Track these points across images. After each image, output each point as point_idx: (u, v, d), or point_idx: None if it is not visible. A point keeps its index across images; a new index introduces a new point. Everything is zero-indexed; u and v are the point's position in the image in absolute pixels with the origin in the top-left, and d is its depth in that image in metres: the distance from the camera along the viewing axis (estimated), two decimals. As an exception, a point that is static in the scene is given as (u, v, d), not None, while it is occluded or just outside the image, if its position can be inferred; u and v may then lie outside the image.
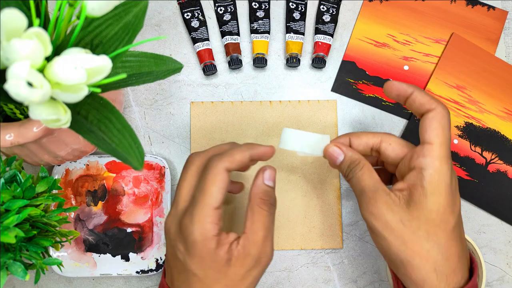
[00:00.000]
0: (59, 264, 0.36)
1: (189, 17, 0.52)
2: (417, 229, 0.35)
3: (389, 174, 0.44)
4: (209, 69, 0.51)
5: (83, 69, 0.25)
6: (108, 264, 0.48)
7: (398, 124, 0.52)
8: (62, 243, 0.39)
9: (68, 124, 0.28)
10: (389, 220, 0.36)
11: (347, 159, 0.40)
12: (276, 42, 0.53)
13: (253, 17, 0.52)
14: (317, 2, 0.54)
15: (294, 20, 0.52)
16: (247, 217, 0.37)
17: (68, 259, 0.48)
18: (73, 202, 0.49)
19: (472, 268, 0.37)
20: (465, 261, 0.37)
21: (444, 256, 0.35)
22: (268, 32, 0.52)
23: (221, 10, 0.53)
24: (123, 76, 0.26)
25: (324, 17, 0.53)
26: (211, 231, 0.35)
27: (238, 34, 0.52)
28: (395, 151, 0.39)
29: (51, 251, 0.47)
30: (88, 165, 0.49)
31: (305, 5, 0.53)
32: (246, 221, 0.37)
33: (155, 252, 0.48)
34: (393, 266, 0.37)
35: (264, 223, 0.37)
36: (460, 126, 0.51)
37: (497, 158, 0.51)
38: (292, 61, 0.51)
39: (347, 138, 0.41)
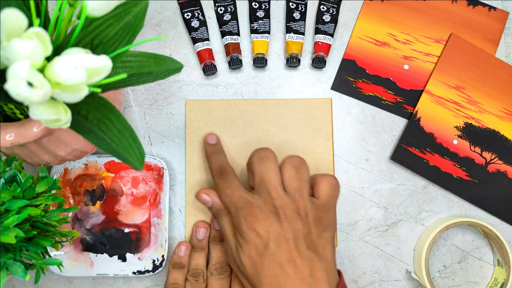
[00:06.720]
0: (59, 264, 0.36)
1: (189, 17, 0.52)
2: None
3: None
4: (209, 69, 0.51)
5: (83, 69, 0.25)
6: (105, 264, 0.48)
7: (398, 123, 0.52)
8: (62, 243, 0.39)
9: (68, 124, 0.28)
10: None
11: (214, 205, 0.45)
12: (276, 42, 0.53)
13: (253, 17, 0.52)
14: (317, 2, 0.54)
15: (294, 20, 0.52)
16: None
17: (65, 258, 0.48)
18: (71, 202, 0.49)
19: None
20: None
21: None
22: (268, 32, 0.52)
23: (221, 10, 0.53)
24: (123, 76, 0.26)
25: (324, 17, 0.52)
26: None
27: (238, 34, 0.52)
28: None
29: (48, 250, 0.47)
30: (87, 164, 0.49)
31: (305, 5, 0.53)
32: None
33: (152, 253, 0.48)
34: None
35: None
36: (460, 126, 0.51)
37: (496, 158, 0.51)
38: (292, 61, 0.51)
39: None
